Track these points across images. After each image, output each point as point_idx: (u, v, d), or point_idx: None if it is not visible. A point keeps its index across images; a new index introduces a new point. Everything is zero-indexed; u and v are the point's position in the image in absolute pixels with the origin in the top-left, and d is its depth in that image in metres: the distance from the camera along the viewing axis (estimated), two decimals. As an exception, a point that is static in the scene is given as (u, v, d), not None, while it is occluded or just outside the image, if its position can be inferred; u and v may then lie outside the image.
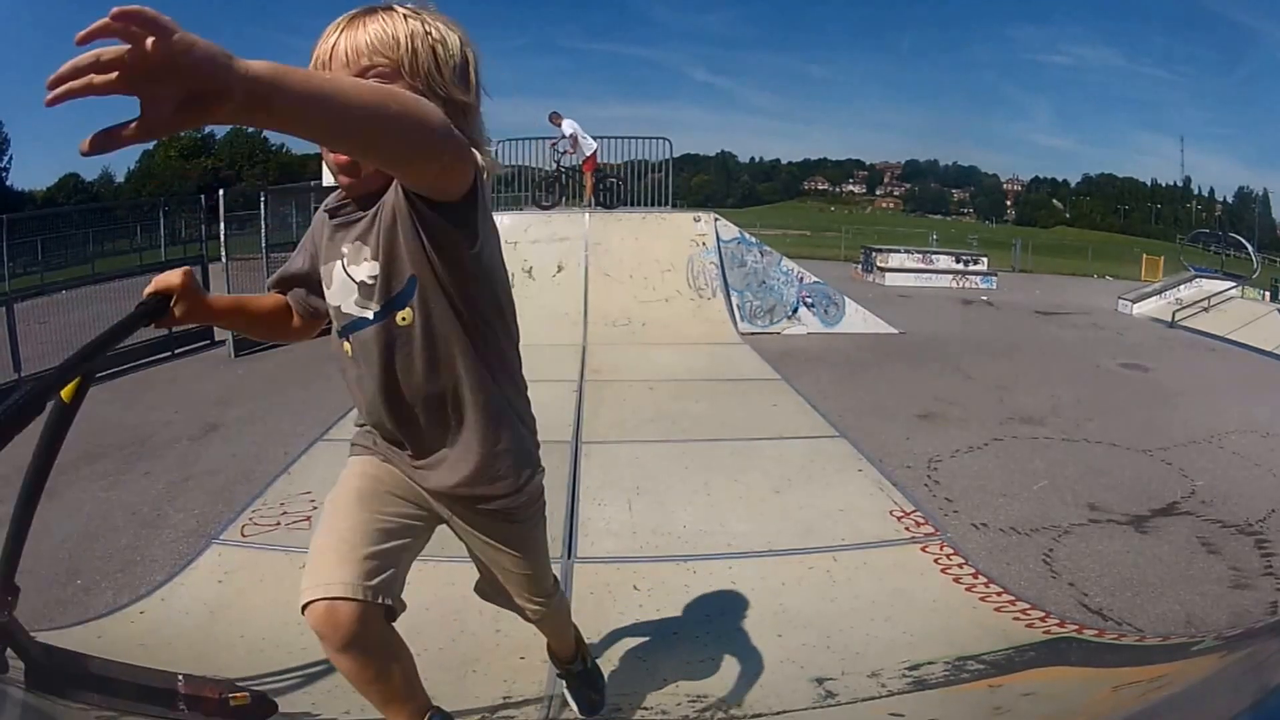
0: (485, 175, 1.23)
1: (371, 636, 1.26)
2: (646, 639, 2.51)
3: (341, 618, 1.22)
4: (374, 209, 1.25)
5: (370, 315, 1.29)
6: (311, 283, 1.44)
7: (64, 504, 3.96)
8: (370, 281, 1.27)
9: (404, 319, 1.27)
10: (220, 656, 2.37)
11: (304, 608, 1.23)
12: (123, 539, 3.51)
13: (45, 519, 3.82)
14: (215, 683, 1.95)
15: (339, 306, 1.34)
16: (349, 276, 1.30)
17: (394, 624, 1.32)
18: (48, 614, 2.80)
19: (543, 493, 1.56)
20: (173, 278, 1.40)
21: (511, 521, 1.50)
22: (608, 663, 2.35)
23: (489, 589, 1.71)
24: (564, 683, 2.02)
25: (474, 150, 1.15)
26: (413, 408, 1.33)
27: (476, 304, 1.29)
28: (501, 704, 2.18)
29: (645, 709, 2.14)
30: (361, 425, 1.46)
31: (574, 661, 1.98)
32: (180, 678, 1.92)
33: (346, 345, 1.35)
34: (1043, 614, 2.71)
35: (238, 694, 1.93)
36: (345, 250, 1.30)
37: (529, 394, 1.52)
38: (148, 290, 1.40)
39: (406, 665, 1.39)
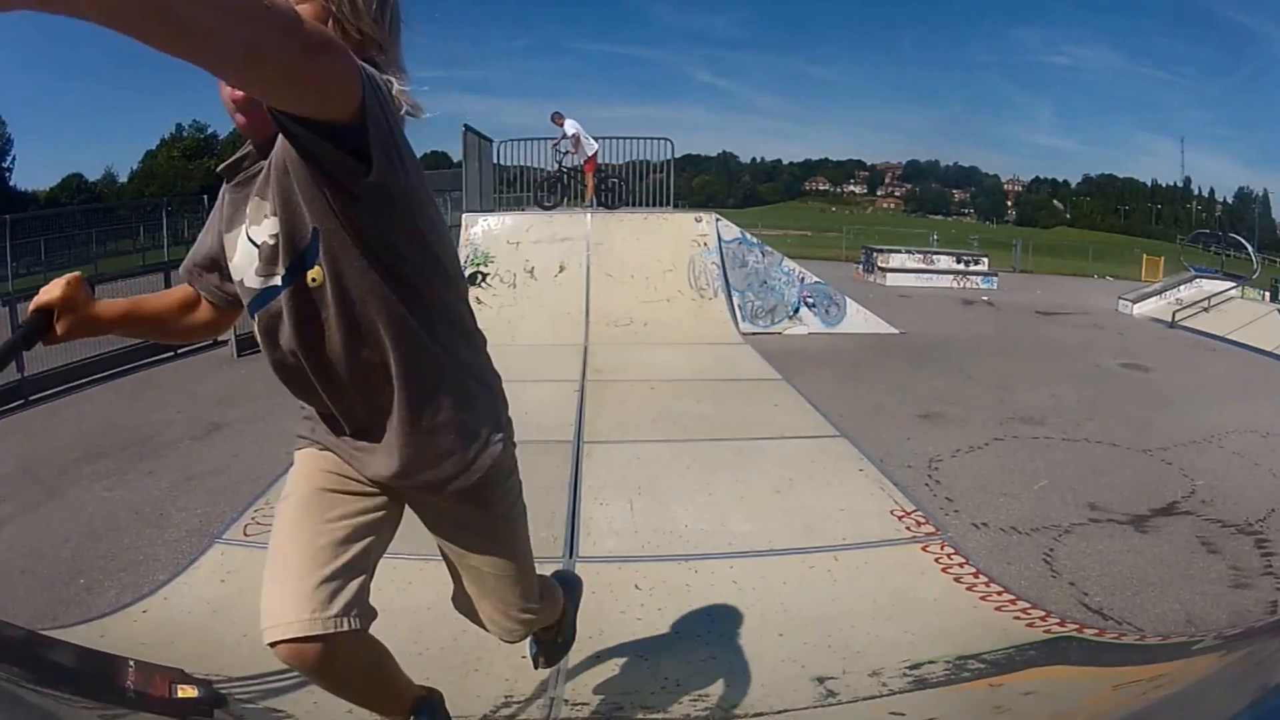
0: (399, 109, 1.11)
1: (344, 660, 1.21)
2: (648, 638, 2.51)
3: (308, 655, 1.16)
4: (270, 157, 1.10)
5: (278, 281, 1.13)
6: (222, 265, 1.28)
7: (67, 503, 3.98)
8: (272, 241, 1.12)
9: (315, 279, 1.11)
10: (223, 655, 2.37)
11: (270, 643, 1.16)
12: (125, 538, 3.52)
13: (48, 518, 3.87)
14: (165, 671, 1.96)
15: (242, 280, 1.18)
16: (250, 241, 1.15)
17: (369, 630, 1.24)
18: (51, 613, 2.81)
19: (509, 467, 1.39)
20: (52, 291, 1.24)
21: (475, 503, 1.35)
22: (609, 662, 2.36)
23: (466, 600, 1.54)
24: (532, 638, 1.90)
25: (359, 62, 0.97)
26: (342, 381, 1.19)
27: (399, 252, 1.12)
28: (503, 703, 2.18)
29: (647, 708, 2.14)
30: (303, 410, 1.33)
31: (549, 630, 1.86)
32: (131, 664, 1.93)
33: (256, 325, 1.20)
34: (1043, 613, 2.72)
35: (186, 685, 1.93)
36: (248, 212, 1.16)
37: (488, 350, 1.36)
38: (31, 305, 1.26)
39: (386, 667, 1.36)
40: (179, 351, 7.97)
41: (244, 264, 1.17)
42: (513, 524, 1.45)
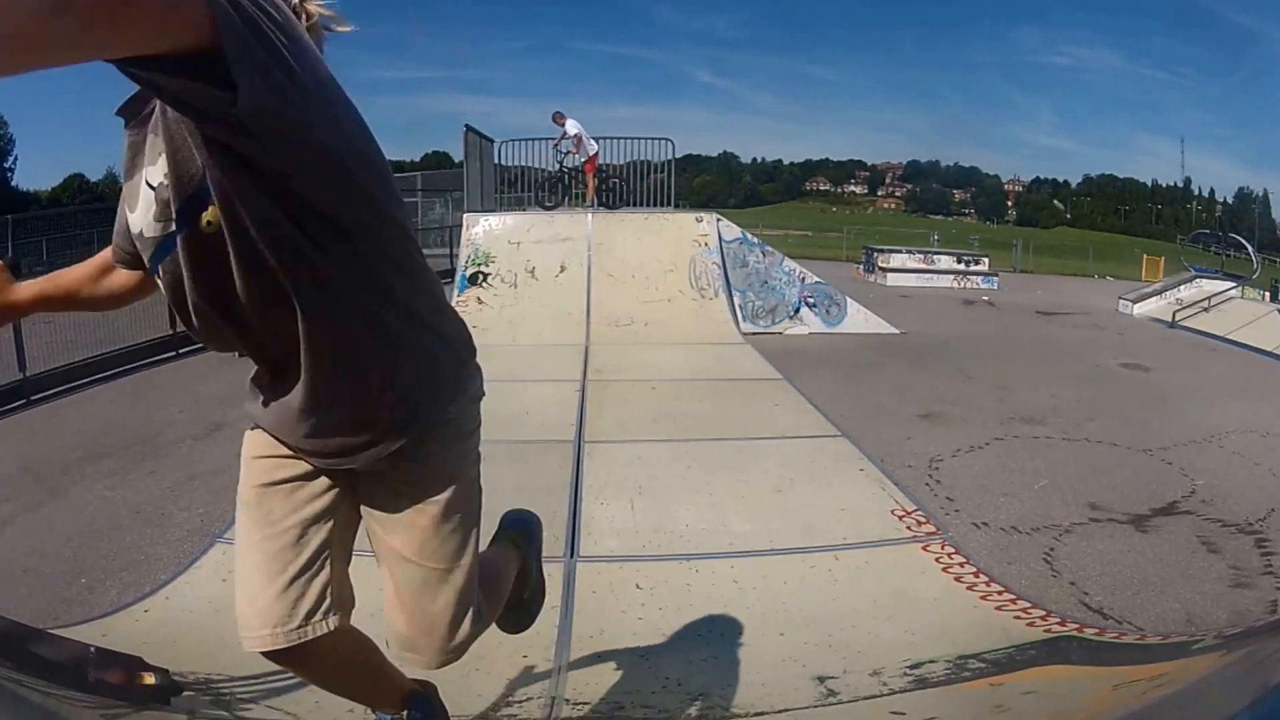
0: (305, 19, 1.02)
1: (322, 659, 1.21)
2: (649, 637, 2.52)
3: (283, 660, 1.18)
4: None
5: (174, 227, 1.00)
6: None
7: (69, 503, 3.98)
8: (166, 181, 0.99)
9: (209, 221, 0.97)
10: (224, 654, 2.37)
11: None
12: (127, 538, 3.53)
13: (50, 518, 3.87)
14: (125, 659, 2.01)
15: (141, 231, 1.05)
16: (149, 185, 1.03)
17: (349, 621, 1.23)
18: (53, 612, 2.81)
19: (466, 429, 1.25)
20: None
21: (413, 462, 1.19)
22: (610, 661, 2.36)
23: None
24: None
25: None
26: (257, 334, 1.07)
27: (304, 179, 0.95)
28: (504, 703, 2.19)
29: (647, 707, 2.15)
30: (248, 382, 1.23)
31: (515, 594, 1.65)
32: (92, 650, 1.99)
33: (160, 281, 1.08)
34: (1043, 613, 2.72)
35: (145, 673, 1.98)
36: (146, 152, 1.04)
37: (441, 291, 1.22)
38: None
39: (372, 660, 1.35)
40: (180, 351, 7.97)
41: (143, 213, 1.05)
42: (458, 500, 1.25)
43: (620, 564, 3.05)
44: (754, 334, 8.80)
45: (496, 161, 12.22)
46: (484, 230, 9.37)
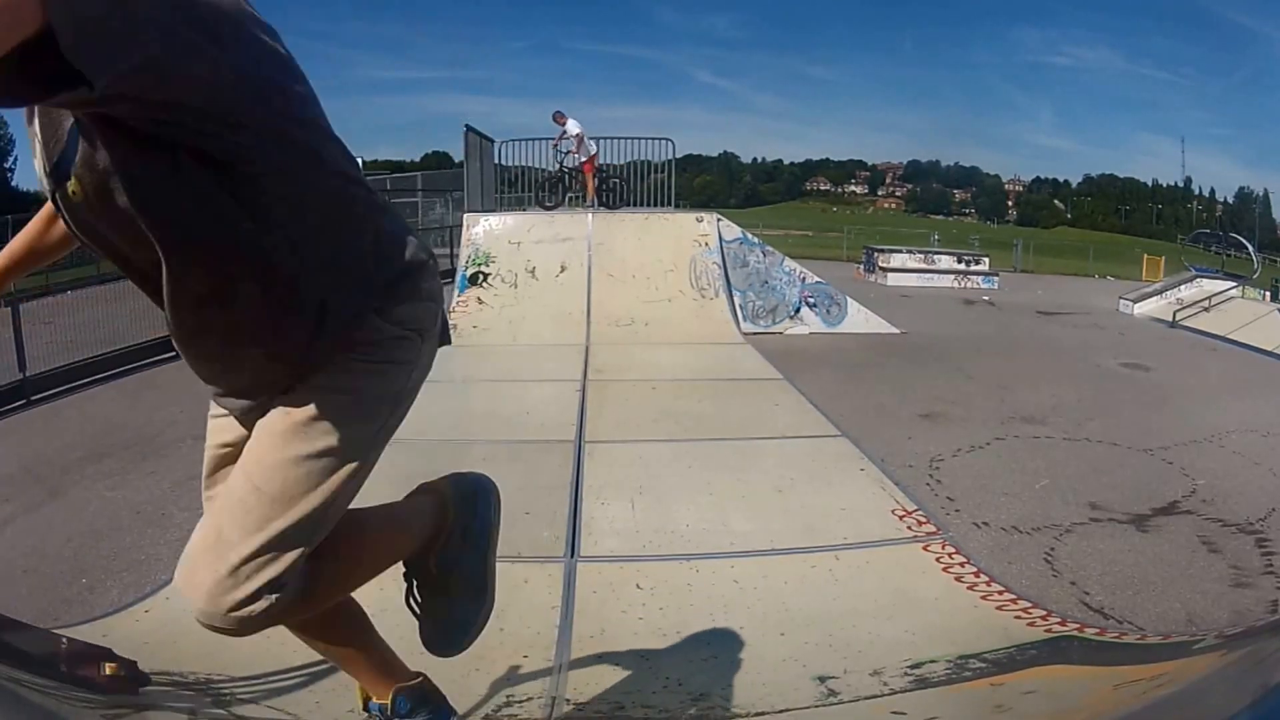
0: None
1: (307, 621, 1.26)
2: (649, 638, 2.51)
3: None
4: None
5: (51, 185, 0.94)
6: None
7: (69, 503, 3.99)
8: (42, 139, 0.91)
9: (74, 191, 0.89)
10: (224, 655, 2.36)
11: None
12: (128, 538, 3.53)
13: (51, 518, 3.87)
14: (95, 649, 2.04)
15: (40, 183, 0.99)
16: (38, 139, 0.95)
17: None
18: (53, 612, 2.82)
19: (386, 336, 1.08)
20: None
21: (301, 403, 1.05)
22: (610, 661, 2.36)
23: None
24: (405, 584, 1.42)
25: None
26: (175, 305, 0.99)
27: (186, 128, 0.85)
28: (504, 703, 2.19)
29: (648, 707, 2.14)
30: None
31: (420, 557, 1.41)
32: (63, 640, 2.03)
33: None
34: (1044, 612, 2.72)
35: (112, 663, 2.00)
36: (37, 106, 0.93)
37: (356, 191, 1.07)
38: None
39: (358, 640, 1.38)
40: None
41: (38, 165, 0.97)
42: (339, 420, 1.06)
43: (620, 564, 3.04)
44: (754, 334, 8.79)
45: (497, 161, 12.21)
46: (484, 230, 9.36)
